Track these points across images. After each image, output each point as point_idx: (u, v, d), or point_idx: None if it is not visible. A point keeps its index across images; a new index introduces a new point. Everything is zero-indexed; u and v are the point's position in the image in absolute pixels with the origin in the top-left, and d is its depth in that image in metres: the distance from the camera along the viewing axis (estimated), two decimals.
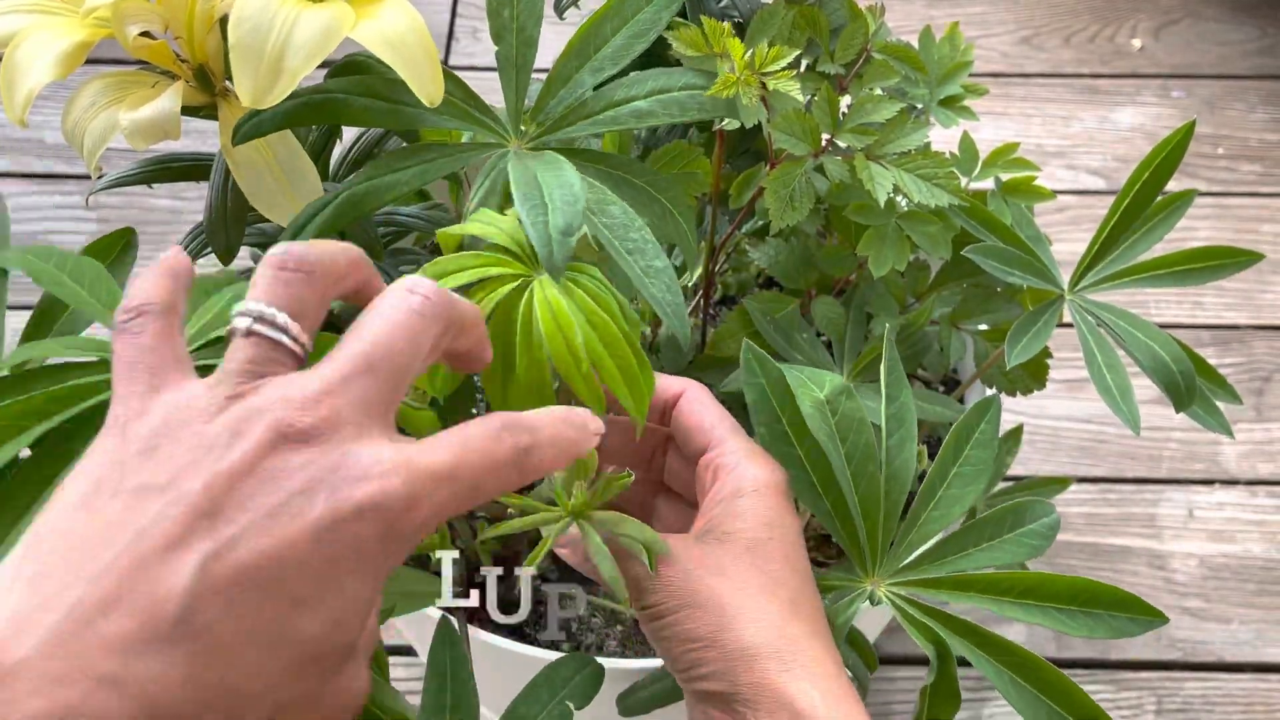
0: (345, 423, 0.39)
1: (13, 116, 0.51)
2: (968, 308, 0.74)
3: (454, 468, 0.40)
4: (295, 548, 0.37)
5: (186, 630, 0.35)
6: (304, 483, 0.37)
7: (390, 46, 0.51)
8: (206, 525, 0.36)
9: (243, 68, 0.49)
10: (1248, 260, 0.68)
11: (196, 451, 0.38)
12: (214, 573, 0.36)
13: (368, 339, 0.40)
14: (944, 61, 0.71)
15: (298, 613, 0.37)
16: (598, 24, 0.58)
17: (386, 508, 0.38)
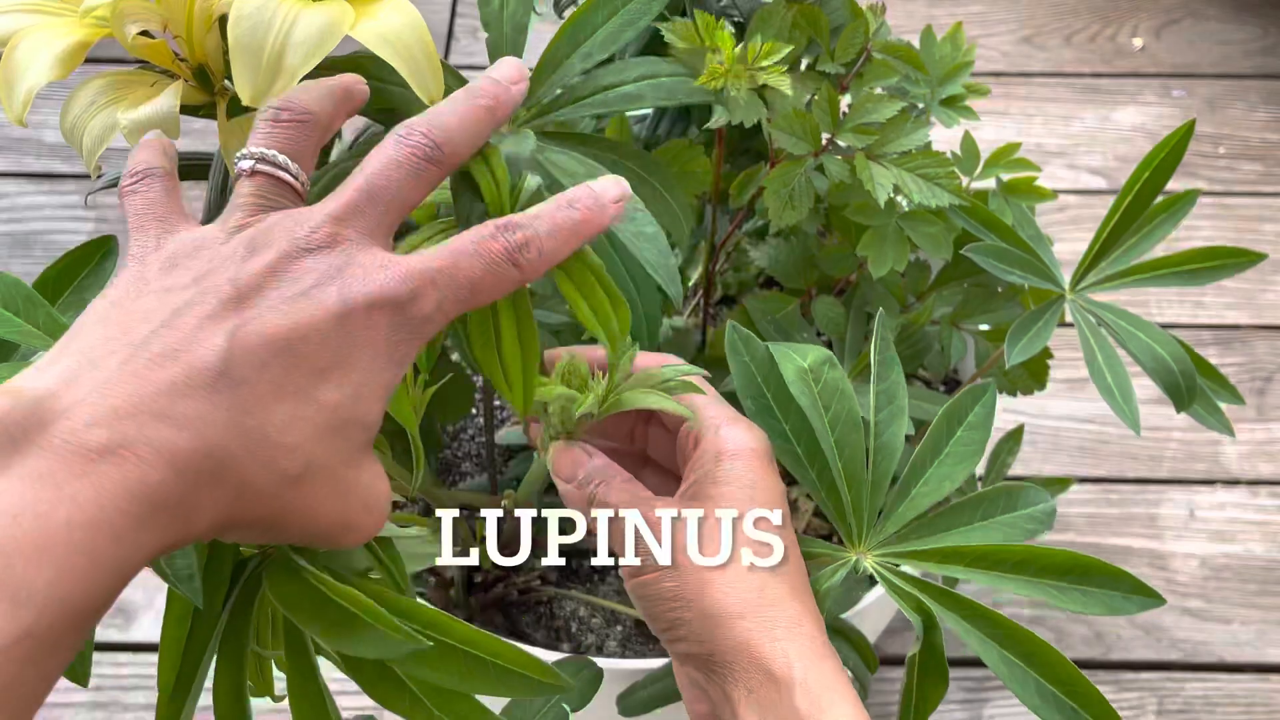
0: (348, 240, 0.44)
1: (12, 116, 0.51)
2: (968, 308, 0.74)
3: (451, 267, 0.44)
4: (316, 326, 0.41)
5: (226, 381, 0.40)
6: (317, 279, 0.42)
7: (389, 45, 0.51)
8: (234, 308, 0.41)
9: (242, 67, 0.49)
10: (1249, 260, 0.68)
11: (215, 262, 0.42)
12: (244, 339, 0.40)
13: (368, 173, 0.45)
14: (945, 61, 0.70)
15: (321, 379, 0.41)
16: (589, 12, 0.58)
17: (392, 299, 0.43)
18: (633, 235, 0.53)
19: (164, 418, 0.38)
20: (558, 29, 0.59)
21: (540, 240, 0.46)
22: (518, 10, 0.59)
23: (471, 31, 1.50)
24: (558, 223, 0.46)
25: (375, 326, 0.42)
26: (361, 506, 0.44)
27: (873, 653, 0.65)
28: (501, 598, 0.81)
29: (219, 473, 0.39)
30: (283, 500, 0.41)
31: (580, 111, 0.58)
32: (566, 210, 0.47)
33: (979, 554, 0.57)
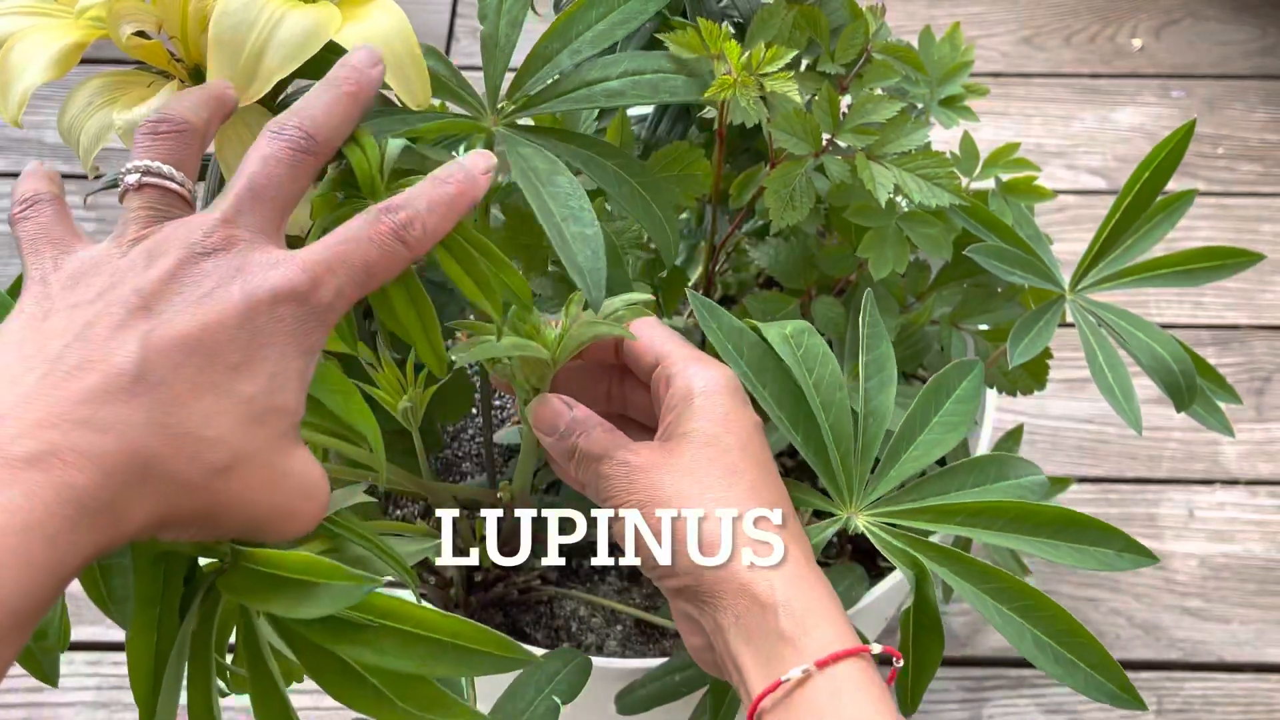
0: (242, 240, 0.45)
1: (7, 117, 0.51)
2: (968, 308, 0.74)
3: (345, 254, 0.46)
4: (224, 324, 0.43)
5: (144, 384, 0.41)
6: (218, 280, 0.44)
7: None
8: (142, 314, 0.43)
9: (219, 64, 0.49)
10: (1248, 260, 0.68)
11: (117, 275, 0.44)
12: (156, 342, 0.42)
13: (249, 174, 0.47)
14: (944, 61, 0.70)
15: (236, 374, 0.43)
16: (583, 9, 0.58)
17: (294, 291, 0.44)
18: (571, 236, 0.54)
19: (87, 424, 0.40)
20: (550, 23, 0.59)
21: (422, 217, 0.48)
22: (514, 5, 0.59)
23: (472, 32, 1.50)
24: (435, 198, 0.49)
25: (281, 319, 0.44)
26: (298, 493, 0.45)
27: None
28: (502, 597, 0.81)
29: (146, 471, 0.41)
30: (214, 492, 0.43)
31: (562, 105, 0.59)
32: (442, 186, 0.49)
33: (972, 511, 0.57)
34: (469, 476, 0.87)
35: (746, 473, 0.54)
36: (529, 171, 0.55)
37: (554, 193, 0.55)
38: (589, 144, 0.59)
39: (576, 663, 0.61)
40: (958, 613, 1.05)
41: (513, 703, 0.59)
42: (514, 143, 0.56)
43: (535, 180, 0.55)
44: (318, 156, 0.48)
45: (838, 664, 0.49)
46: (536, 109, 0.58)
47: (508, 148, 0.56)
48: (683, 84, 0.59)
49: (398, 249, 0.47)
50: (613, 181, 0.58)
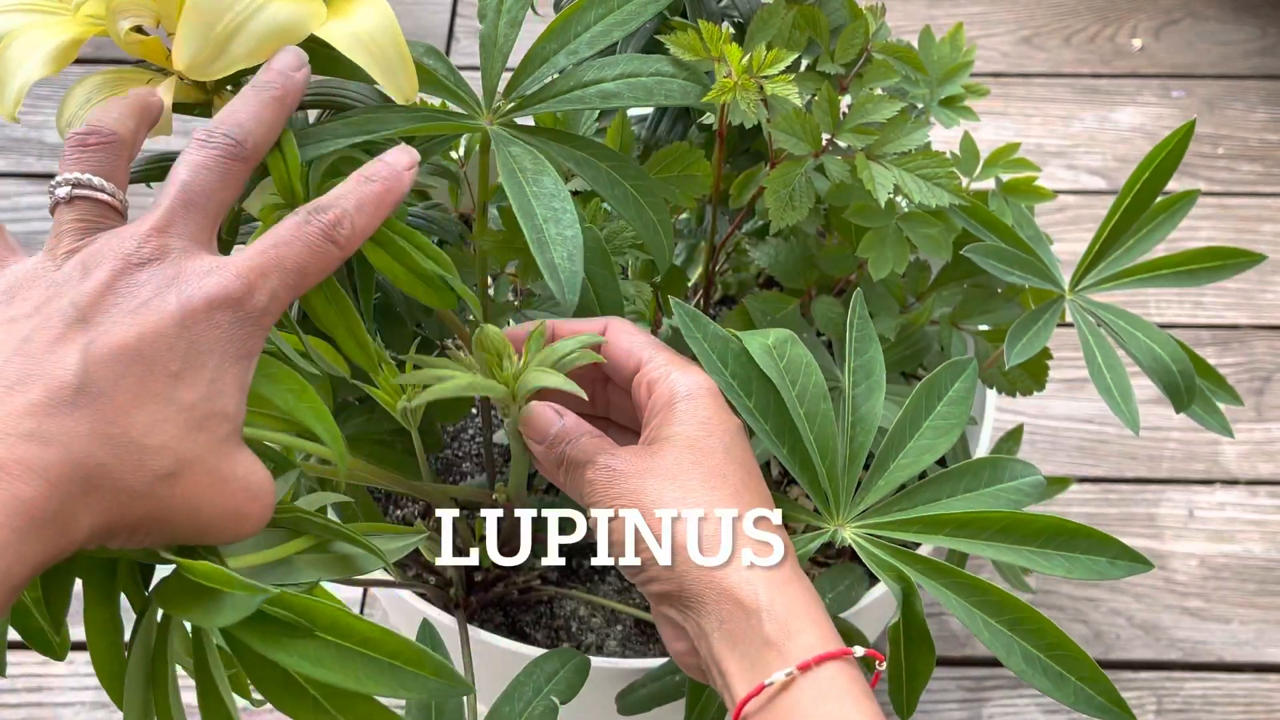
0: (175, 249, 0.46)
1: (3, 112, 0.51)
2: (968, 308, 0.74)
3: (277, 257, 0.47)
4: (161, 333, 0.44)
5: (85, 395, 0.42)
6: (155, 289, 0.45)
7: (361, 46, 0.51)
8: (80, 326, 0.43)
9: (189, 32, 0.49)
10: (1249, 261, 0.68)
11: (53, 288, 0.44)
12: (96, 353, 0.43)
13: (179, 183, 0.48)
14: (944, 61, 0.70)
15: (176, 382, 0.44)
16: (581, 10, 0.58)
17: (229, 297, 0.45)
18: (551, 237, 0.54)
19: (32, 437, 0.40)
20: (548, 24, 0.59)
21: (350, 215, 0.49)
22: (514, 5, 0.59)
23: (472, 32, 1.50)
24: (362, 197, 0.49)
25: (217, 325, 0.45)
26: (243, 495, 0.46)
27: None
28: (502, 597, 0.81)
29: (91, 481, 0.41)
30: (159, 499, 0.43)
31: (558, 106, 0.58)
32: (367, 184, 0.50)
33: (961, 521, 0.56)
34: (469, 476, 0.87)
35: (730, 476, 0.54)
36: (516, 170, 0.55)
37: (538, 192, 0.55)
38: (583, 145, 0.59)
39: (575, 662, 0.61)
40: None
41: (510, 703, 0.59)
42: (504, 142, 0.56)
43: (521, 179, 0.55)
44: (247, 162, 0.49)
45: (821, 667, 0.49)
46: (532, 109, 0.58)
47: (498, 147, 0.56)
48: (679, 87, 0.59)
49: (328, 249, 0.48)
50: (606, 183, 0.58)
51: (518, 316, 0.72)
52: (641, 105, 0.59)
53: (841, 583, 0.72)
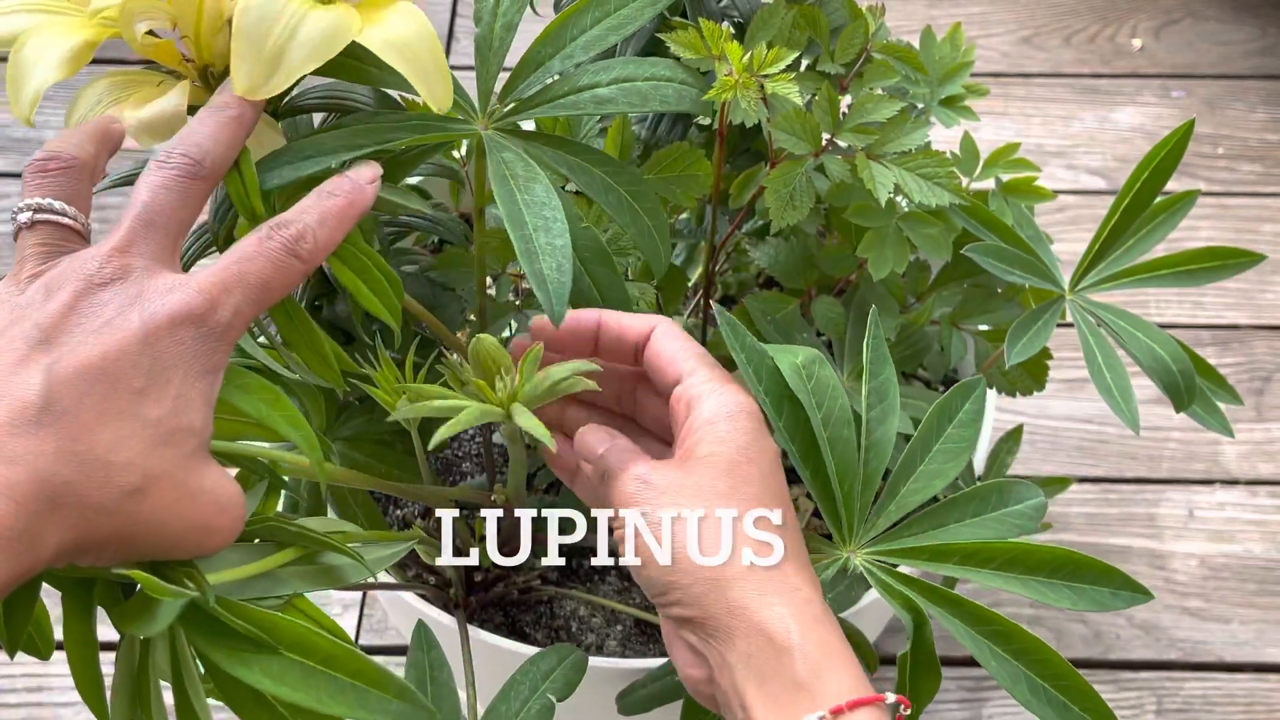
0: (137, 268, 0.46)
1: (20, 115, 0.51)
2: (968, 308, 0.74)
3: (240, 273, 0.47)
4: (125, 350, 0.44)
5: (50, 414, 0.42)
6: (117, 308, 0.45)
7: (398, 52, 0.51)
8: (43, 347, 0.44)
9: (242, 56, 0.49)
10: (1249, 261, 0.68)
11: (16, 312, 0.45)
12: (60, 373, 0.43)
13: (140, 204, 0.48)
14: (944, 61, 0.71)
15: (141, 398, 0.44)
16: (578, 13, 0.58)
17: (191, 314, 0.46)
18: (540, 247, 0.53)
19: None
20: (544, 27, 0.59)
21: (313, 230, 0.49)
22: (510, 8, 0.59)
23: (472, 33, 1.50)
24: (325, 211, 0.50)
25: (181, 342, 0.45)
26: (213, 508, 0.46)
27: (873, 652, 0.65)
28: (502, 597, 0.81)
29: (58, 499, 0.42)
30: (127, 515, 0.44)
31: (552, 111, 0.58)
32: (330, 199, 0.50)
33: (969, 551, 0.56)
34: (469, 476, 0.87)
35: (765, 506, 0.53)
36: (508, 177, 0.55)
37: (529, 200, 0.54)
38: (577, 150, 0.58)
39: (571, 659, 0.61)
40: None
41: (507, 702, 0.59)
42: (498, 147, 0.56)
43: (512, 185, 0.55)
44: (207, 181, 0.49)
45: (854, 712, 0.49)
46: (527, 113, 0.58)
47: (490, 153, 0.56)
48: (674, 92, 0.59)
49: (291, 263, 0.48)
50: (600, 189, 0.58)
51: (518, 317, 0.72)
52: (636, 111, 0.59)
53: (841, 582, 0.71)
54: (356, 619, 1.05)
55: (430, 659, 0.60)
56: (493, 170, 0.55)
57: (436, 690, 0.60)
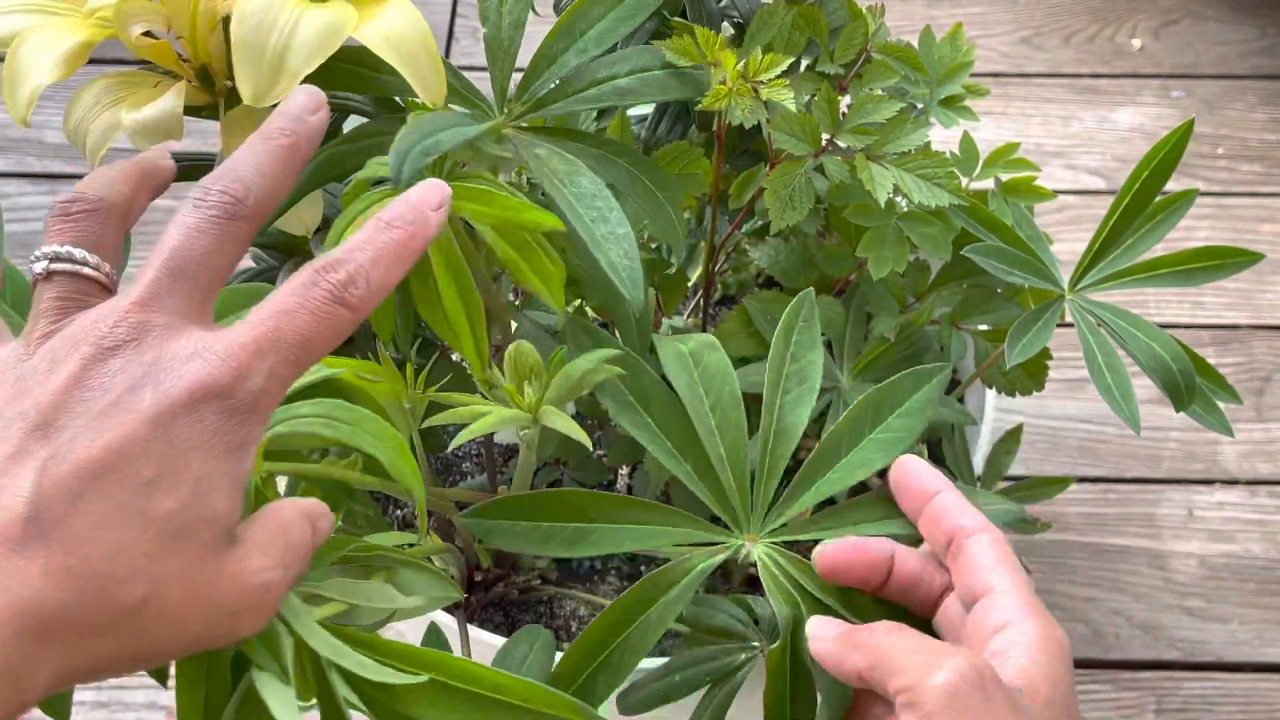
0: (157, 326, 0.40)
1: (16, 116, 0.51)
2: (968, 308, 0.74)
3: (274, 331, 0.40)
4: (133, 438, 0.38)
5: (37, 526, 0.36)
6: (127, 383, 0.39)
7: (393, 47, 0.51)
8: (40, 436, 0.38)
9: (245, 65, 0.49)
10: (1248, 260, 0.68)
11: (18, 385, 0.39)
12: (54, 472, 0.37)
13: (168, 250, 0.41)
14: (944, 61, 0.71)
15: (150, 492, 0.38)
16: (585, 7, 0.58)
17: (214, 385, 0.39)
18: (603, 236, 0.53)
19: None
20: (554, 24, 0.59)
21: (366, 271, 0.42)
22: (515, 7, 0.59)
23: (472, 32, 1.50)
24: (380, 249, 0.42)
25: (202, 419, 0.39)
26: (235, 594, 0.40)
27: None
28: (502, 597, 0.81)
29: (47, 629, 0.36)
30: (135, 628, 0.38)
31: (574, 105, 0.58)
32: (386, 233, 0.43)
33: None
34: (469, 476, 0.87)
35: None
36: (550, 174, 0.54)
37: (578, 194, 0.54)
38: (600, 142, 0.59)
39: (540, 642, 0.59)
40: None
41: None
42: (529, 145, 0.56)
43: (558, 183, 0.54)
44: (249, 221, 0.42)
45: None
46: (547, 109, 0.58)
47: (523, 150, 0.56)
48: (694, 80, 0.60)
49: (339, 313, 0.41)
50: (625, 179, 0.58)
51: (518, 317, 0.72)
52: (657, 99, 0.59)
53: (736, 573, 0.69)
54: None
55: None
56: (535, 169, 0.54)
57: None
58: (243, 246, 0.43)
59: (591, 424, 0.81)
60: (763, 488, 0.56)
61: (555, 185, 0.54)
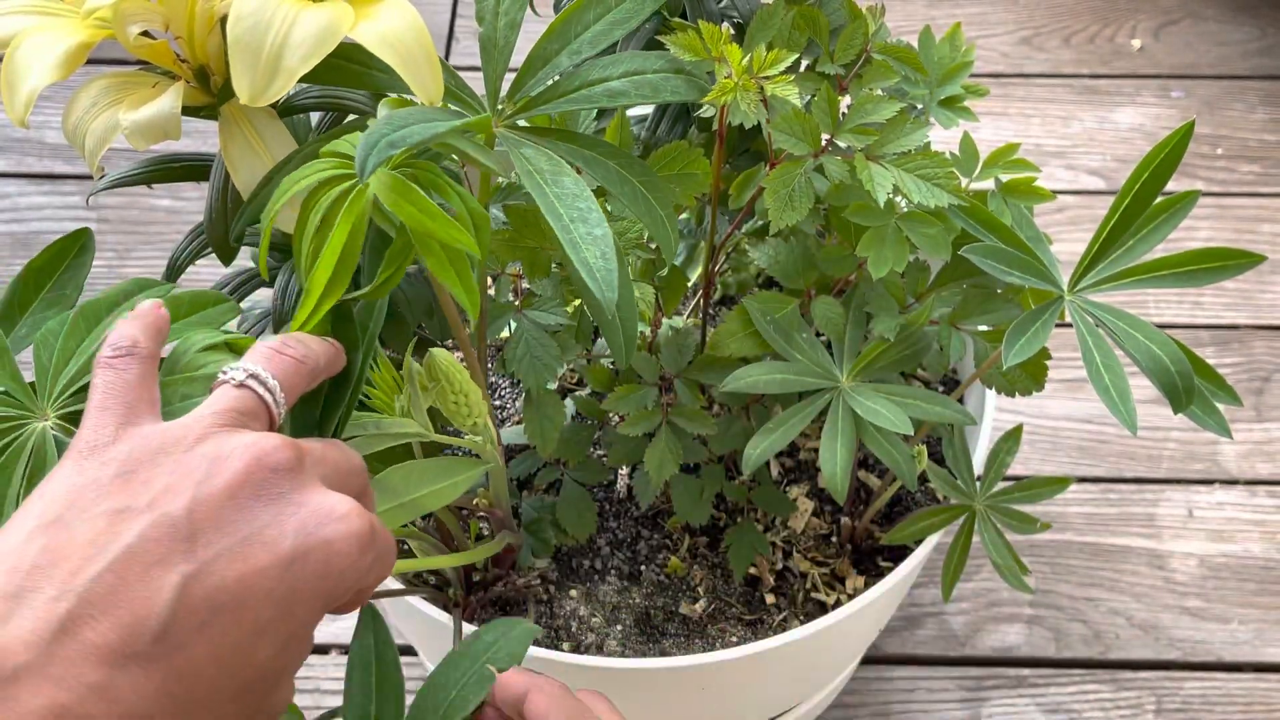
0: (311, 470, 0.43)
1: (14, 117, 0.51)
2: (967, 308, 0.74)
3: (387, 545, 0.44)
4: (265, 575, 0.40)
5: (163, 648, 0.38)
6: (276, 514, 0.41)
7: (389, 46, 0.51)
8: (185, 547, 0.39)
9: (241, 65, 0.49)
10: (1249, 262, 0.68)
11: (175, 476, 0.40)
12: (191, 594, 0.39)
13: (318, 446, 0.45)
14: (944, 62, 0.71)
15: (257, 639, 0.40)
16: (581, 10, 0.58)
17: (347, 547, 0.42)
18: (581, 237, 0.53)
19: (97, 691, 0.37)
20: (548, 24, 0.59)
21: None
22: (511, 6, 0.59)
23: (472, 32, 1.50)
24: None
25: (330, 570, 0.42)
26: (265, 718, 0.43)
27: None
28: (501, 597, 0.81)
29: None
30: None
31: (564, 106, 0.58)
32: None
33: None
34: None
35: None
36: (533, 173, 0.55)
37: (560, 194, 0.54)
38: (590, 144, 0.59)
39: (517, 632, 0.58)
40: (957, 612, 1.05)
41: (446, 673, 0.57)
42: (516, 144, 0.56)
43: (540, 181, 0.55)
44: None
45: None
46: (538, 110, 0.58)
47: (510, 150, 0.56)
48: (684, 83, 0.59)
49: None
50: (615, 181, 0.58)
51: (518, 317, 0.72)
52: (648, 102, 0.59)
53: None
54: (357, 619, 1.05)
55: (376, 639, 0.61)
56: (519, 167, 0.55)
57: (381, 669, 0.60)
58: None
59: (591, 424, 0.81)
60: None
61: (538, 184, 0.54)
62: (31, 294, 0.58)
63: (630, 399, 0.74)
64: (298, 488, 0.42)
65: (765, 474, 0.86)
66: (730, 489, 0.82)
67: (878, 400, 0.69)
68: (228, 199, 0.60)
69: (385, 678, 0.59)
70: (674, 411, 0.75)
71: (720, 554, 0.84)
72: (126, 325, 0.46)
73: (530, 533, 0.80)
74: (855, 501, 0.87)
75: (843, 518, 0.85)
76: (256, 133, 0.56)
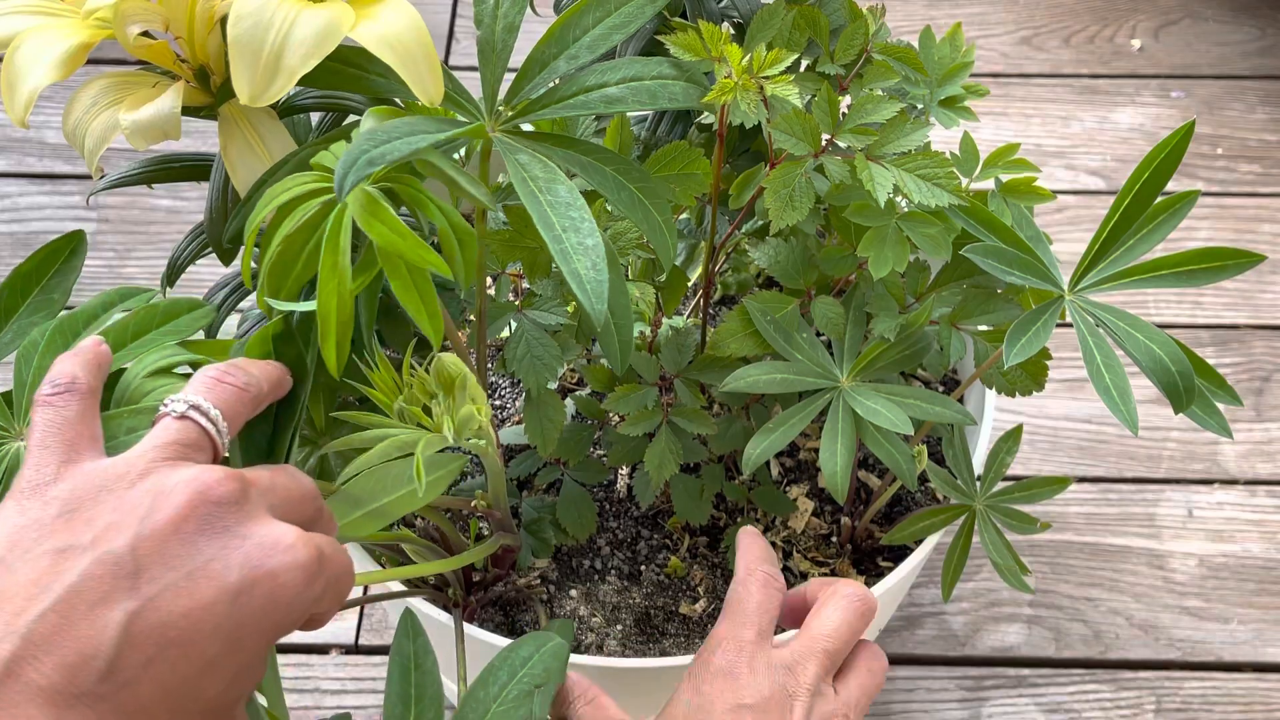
0: (258, 501, 0.42)
1: (14, 118, 0.51)
2: (968, 308, 0.74)
3: (343, 562, 0.44)
4: (211, 610, 0.40)
5: (110, 686, 0.38)
6: (221, 547, 0.41)
7: (389, 47, 0.51)
8: (129, 584, 0.39)
9: (241, 65, 0.49)
10: (1249, 262, 0.68)
11: (118, 513, 0.40)
12: (136, 630, 0.38)
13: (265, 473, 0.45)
14: (944, 62, 0.71)
15: (206, 673, 0.40)
16: (579, 13, 0.58)
17: (293, 578, 0.41)
18: (572, 247, 0.53)
19: None
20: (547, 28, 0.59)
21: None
22: (510, 9, 0.59)
23: (472, 33, 1.50)
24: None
25: (275, 601, 0.41)
26: None
27: None
28: (500, 597, 0.81)
29: None
30: None
31: (561, 112, 0.58)
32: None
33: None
34: (468, 476, 0.87)
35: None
36: (527, 179, 0.55)
37: (553, 202, 0.54)
38: (587, 149, 0.59)
39: (550, 647, 0.58)
40: (957, 612, 1.05)
41: (485, 688, 0.58)
42: (511, 150, 0.56)
43: (534, 189, 0.54)
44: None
45: None
46: (535, 115, 0.58)
47: (504, 155, 0.56)
48: (681, 90, 0.59)
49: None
50: (611, 186, 0.58)
51: (518, 317, 0.72)
52: (645, 109, 0.59)
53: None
54: (357, 619, 1.05)
55: (415, 646, 0.60)
56: (513, 174, 0.55)
57: (420, 677, 0.59)
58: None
59: (592, 424, 0.81)
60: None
61: (531, 192, 0.54)
62: (18, 300, 0.58)
63: (630, 399, 0.74)
64: (243, 520, 0.42)
65: (765, 474, 0.86)
66: (730, 489, 0.82)
67: (878, 400, 0.69)
68: (228, 199, 0.60)
69: (424, 687, 0.59)
70: (674, 411, 0.75)
71: (720, 554, 0.84)
72: (65, 362, 0.46)
73: (530, 533, 0.80)
74: (855, 501, 0.87)
75: (843, 518, 0.85)
76: (256, 133, 0.56)
